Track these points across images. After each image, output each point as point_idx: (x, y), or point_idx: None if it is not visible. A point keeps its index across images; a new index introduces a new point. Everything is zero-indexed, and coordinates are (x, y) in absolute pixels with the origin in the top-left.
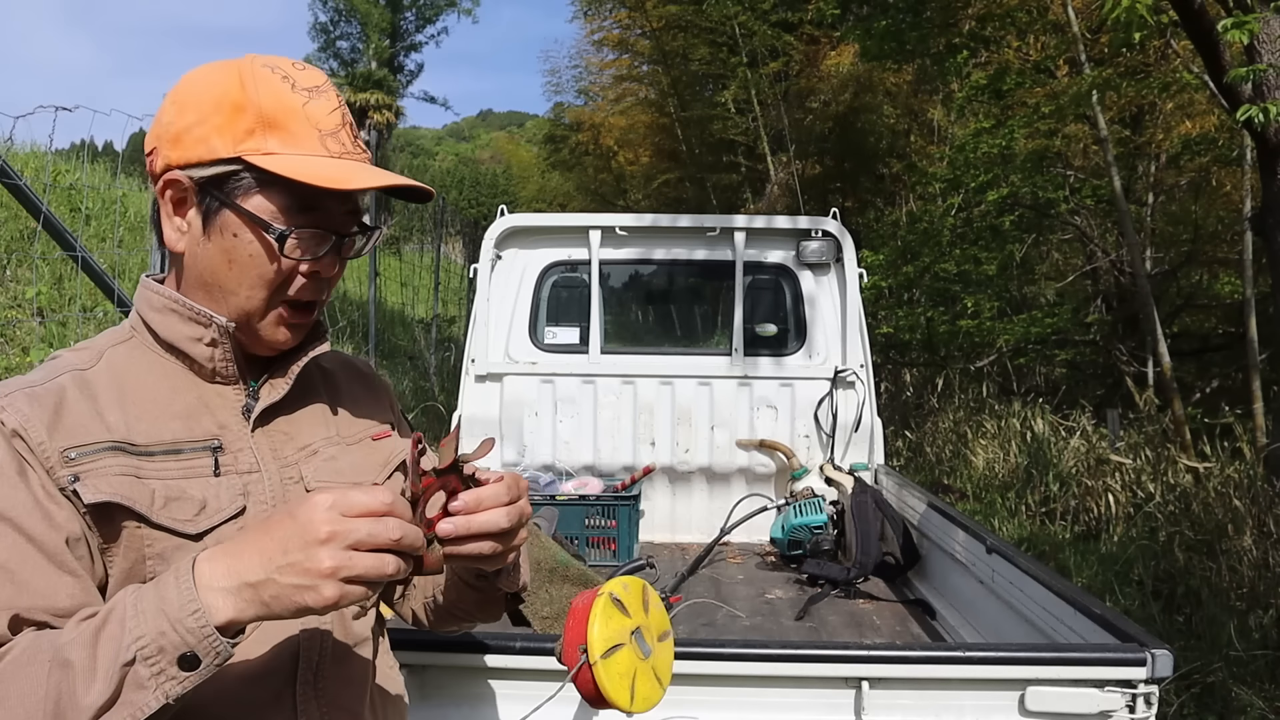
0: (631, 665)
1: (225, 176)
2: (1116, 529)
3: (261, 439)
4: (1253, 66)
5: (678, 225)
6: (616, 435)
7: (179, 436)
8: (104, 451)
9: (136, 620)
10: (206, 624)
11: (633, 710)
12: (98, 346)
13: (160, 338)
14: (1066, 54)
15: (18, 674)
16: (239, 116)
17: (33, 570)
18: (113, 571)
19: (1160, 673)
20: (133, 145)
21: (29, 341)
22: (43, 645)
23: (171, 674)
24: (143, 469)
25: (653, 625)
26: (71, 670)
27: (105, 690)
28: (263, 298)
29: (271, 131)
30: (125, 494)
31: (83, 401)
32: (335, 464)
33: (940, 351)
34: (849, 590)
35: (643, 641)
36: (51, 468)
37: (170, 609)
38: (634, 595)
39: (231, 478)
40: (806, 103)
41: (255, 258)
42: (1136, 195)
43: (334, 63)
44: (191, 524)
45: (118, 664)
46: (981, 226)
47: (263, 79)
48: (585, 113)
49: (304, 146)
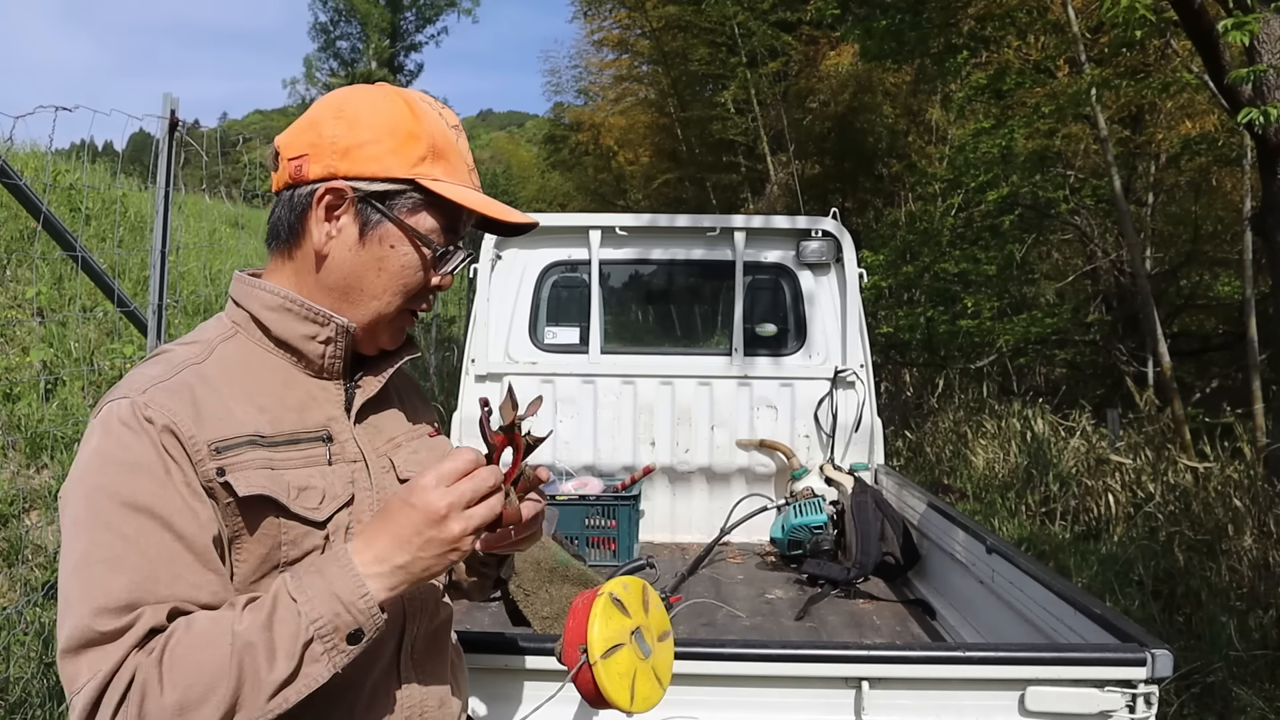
0: (631, 665)
1: (394, 193)
2: (1116, 529)
3: (360, 431)
4: (1253, 67)
5: (678, 225)
6: (616, 435)
7: (295, 428)
8: (244, 445)
9: (310, 605)
10: (373, 604)
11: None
12: (206, 341)
13: (273, 334)
14: (1066, 54)
15: (195, 654)
16: (413, 143)
17: (183, 567)
18: (245, 558)
19: (1160, 673)
20: (132, 145)
21: (29, 341)
22: (212, 629)
23: (342, 648)
24: (274, 460)
25: (653, 625)
26: (254, 650)
27: (288, 667)
28: (398, 305)
29: (438, 161)
30: (270, 487)
31: (211, 395)
32: (417, 456)
33: (940, 351)
34: (849, 590)
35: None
36: (200, 460)
37: (343, 593)
38: (634, 595)
39: (341, 466)
40: (806, 103)
41: (406, 268)
42: (1136, 195)
43: (334, 63)
44: (317, 512)
45: (299, 643)
46: (981, 226)
47: (427, 113)
48: (585, 113)
49: (459, 177)
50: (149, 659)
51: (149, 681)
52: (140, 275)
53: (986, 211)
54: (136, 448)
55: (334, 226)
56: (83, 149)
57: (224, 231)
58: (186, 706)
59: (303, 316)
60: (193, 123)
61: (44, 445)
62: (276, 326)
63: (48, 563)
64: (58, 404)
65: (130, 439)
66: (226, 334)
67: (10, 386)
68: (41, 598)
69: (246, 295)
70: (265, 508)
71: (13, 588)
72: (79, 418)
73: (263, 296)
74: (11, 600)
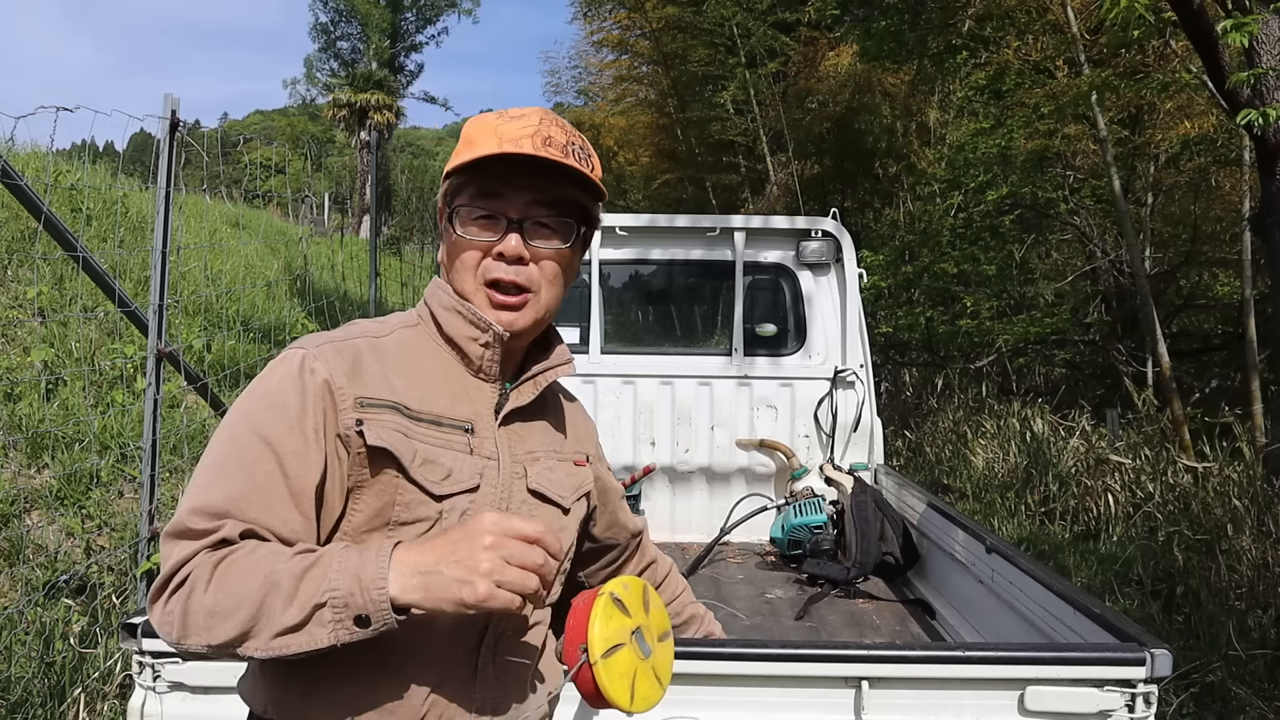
0: (632, 665)
1: (446, 191)
2: (1116, 529)
3: (503, 434)
4: (1253, 70)
5: (677, 225)
6: (617, 435)
7: (443, 412)
8: (386, 408)
9: (338, 575)
10: (385, 598)
11: (633, 710)
12: (391, 324)
13: (443, 331)
14: (1066, 54)
15: (241, 573)
16: (459, 146)
17: (277, 499)
18: (361, 507)
19: (1159, 672)
20: (133, 145)
21: (30, 341)
22: (263, 558)
23: (347, 625)
24: (411, 430)
25: (653, 625)
26: (278, 590)
27: (295, 616)
28: (470, 280)
29: (467, 147)
30: (397, 446)
31: (375, 362)
32: (551, 474)
33: (940, 351)
34: (849, 590)
35: (643, 641)
36: (345, 410)
37: (364, 577)
38: (634, 595)
39: (476, 458)
40: (805, 103)
41: (456, 245)
42: (1136, 195)
43: (334, 63)
44: (437, 486)
45: (311, 602)
46: (981, 227)
47: (481, 118)
48: (585, 113)
49: (481, 149)
50: (208, 559)
51: (199, 579)
52: (141, 275)
53: (986, 212)
54: (289, 392)
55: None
56: (84, 149)
57: (224, 232)
58: (216, 613)
59: (468, 320)
60: (193, 123)
61: (44, 445)
62: (447, 324)
63: (48, 563)
64: (58, 404)
65: (288, 383)
66: (410, 322)
67: (11, 386)
68: (42, 597)
69: (431, 295)
70: (388, 462)
71: (13, 588)
72: (79, 418)
73: (441, 297)
74: (12, 600)
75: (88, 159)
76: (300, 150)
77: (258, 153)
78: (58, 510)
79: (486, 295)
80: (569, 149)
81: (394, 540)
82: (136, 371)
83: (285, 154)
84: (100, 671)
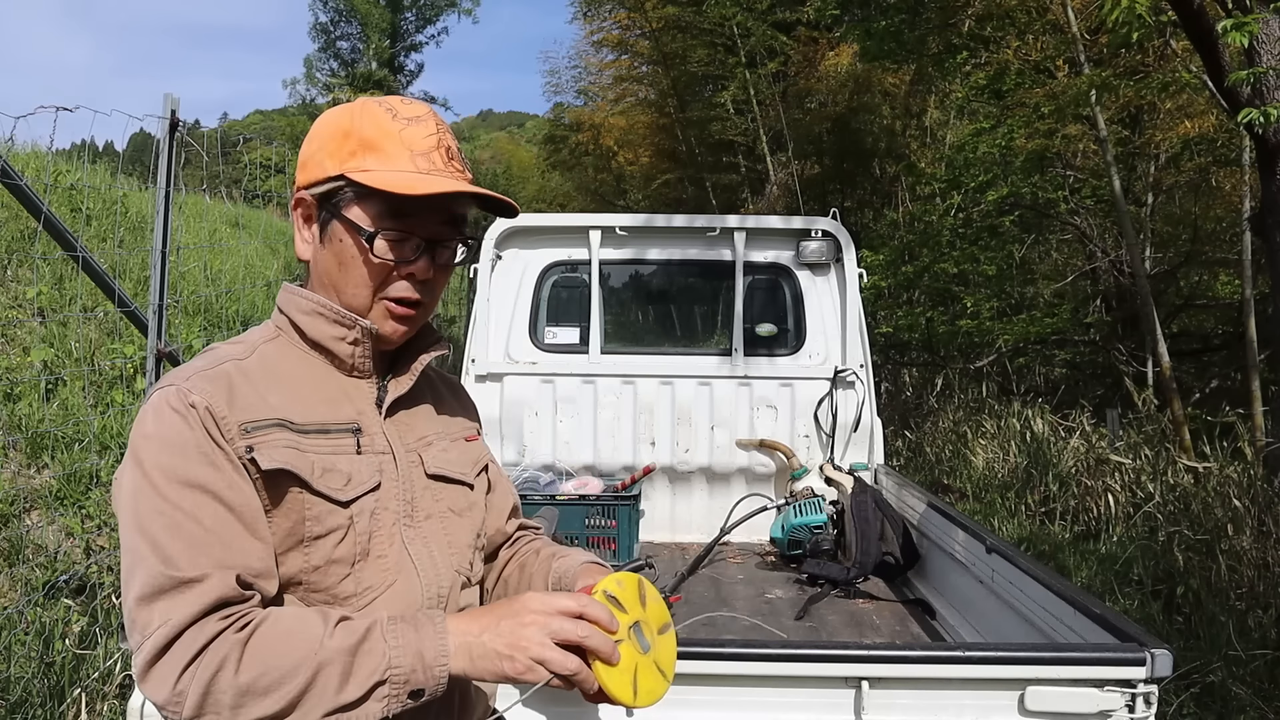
0: (632, 660)
1: (333, 191)
2: (1116, 529)
3: (390, 426)
4: (1253, 69)
5: (677, 225)
6: (616, 435)
7: (326, 419)
8: (272, 427)
9: (398, 652)
10: (445, 673)
11: (636, 705)
12: (250, 341)
13: (307, 337)
14: (1066, 54)
15: (278, 647)
16: (345, 141)
17: (235, 535)
18: (274, 530)
19: (1160, 672)
20: (133, 145)
21: (29, 341)
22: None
23: (402, 699)
24: (302, 444)
25: (651, 619)
26: (331, 668)
27: (354, 694)
28: (367, 294)
29: (369, 152)
30: (293, 463)
31: (246, 385)
32: (446, 455)
33: (940, 351)
34: (849, 590)
35: (641, 636)
36: (231, 439)
37: (428, 656)
38: (629, 591)
39: (370, 456)
40: (805, 103)
41: (356, 259)
42: (1136, 195)
43: (334, 63)
44: (341, 492)
45: (372, 680)
46: (981, 227)
47: (369, 111)
48: (585, 113)
49: (394, 164)
50: (235, 636)
51: (229, 657)
52: (141, 275)
53: (986, 212)
54: (185, 429)
55: (309, 232)
56: (83, 149)
57: (224, 232)
58: (253, 692)
59: (332, 320)
60: (193, 123)
61: (44, 445)
62: (310, 329)
63: (48, 563)
64: (58, 404)
65: (178, 421)
66: (269, 336)
67: (11, 386)
68: (42, 597)
69: (287, 302)
70: (289, 482)
71: (13, 588)
72: (79, 418)
73: (298, 302)
74: (12, 600)
75: (87, 159)
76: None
77: (258, 153)
78: (58, 510)
79: (386, 308)
80: (461, 157)
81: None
82: (136, 371)
83: (285, 154)
84: (100, 671)
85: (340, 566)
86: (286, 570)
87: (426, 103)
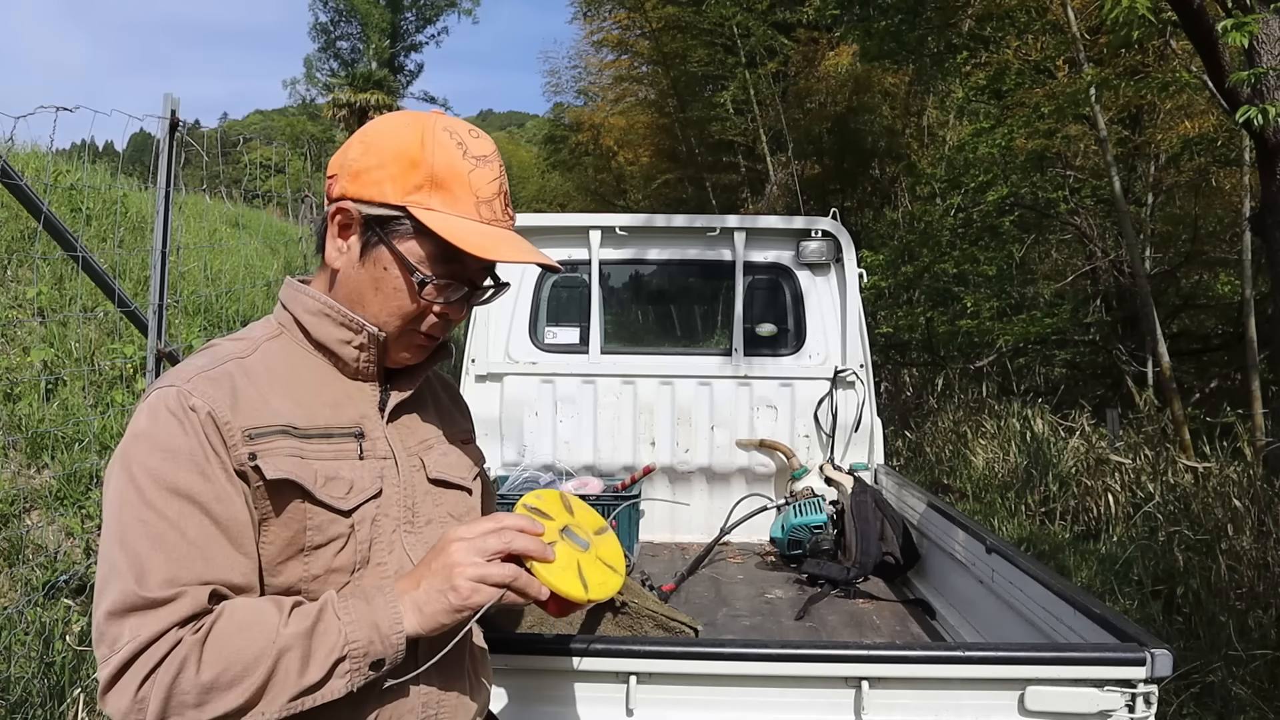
0: (571, 558)
1: (389, 219)
2: (1116, 529)
3: (392, 431)
4: (1253, 69)
5: (677, 225)
6: (616, 435)
7: (329, 422)
8: (276, 434)
9: (352, 627)
10: (403, 639)
11: (591, 598)
12: (253, 338)
13: (312, 337)
14: (1066, 54)
15: (235, 642)
16: (413, 171)
17: (218, 549)
18: (271, 540)
19: (1160, 672)
20: (133, 145)
21: (29, 341)
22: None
23: (364, 672)
24: (304, 450)
25: (583, 523)
26: (290, 653)
27: (317, 675)
28: (397, 325)
29: (436, 190)
30: (297, 473)
31: (249, 386)
32: (447, 459)
33: (940, 351)
34: (849, 590)
35: (576, 537)
36: (234, 445)
37: (382, 625)
38: (551, 502)
39: (371, 462)
40: (805, 103)
41: (398, 292)
42: (1136, 195)
43: (334, 63)
44: (344, 501)
45: (332, 658)
46: (981, 227)
47: (440, 142)
48: (585, 113)
49: (460, 209)
50: (193, 637)
51: (188, 659)
52: (141, 275)
53: (986, 212)
54: (180, 434)
55: (345, 244)
56: (83, 149)
57: (224, 232)
58: (216, 688)
59: (338, 322)
60: (193, 123)
61: (44, 445)
62: (315, 330)
63: (48, 563)
64: (58, 404)
65: (174, 426)
66: (273, 333)
67: (11, 386)
68: (42, 597)
69: (291, 299)
70: (292, 492)
71: (13, 588)
72: (79, 418)
73: (305, 301)
74: (12, 600)
75: (87, 159)
76: (300, 150)
77: (258, 153)
78: (58, 510)
79: (412, 339)
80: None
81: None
82: (136, 371)
83: (285, 154)
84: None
85: (340, 575)
86: (285, 579)
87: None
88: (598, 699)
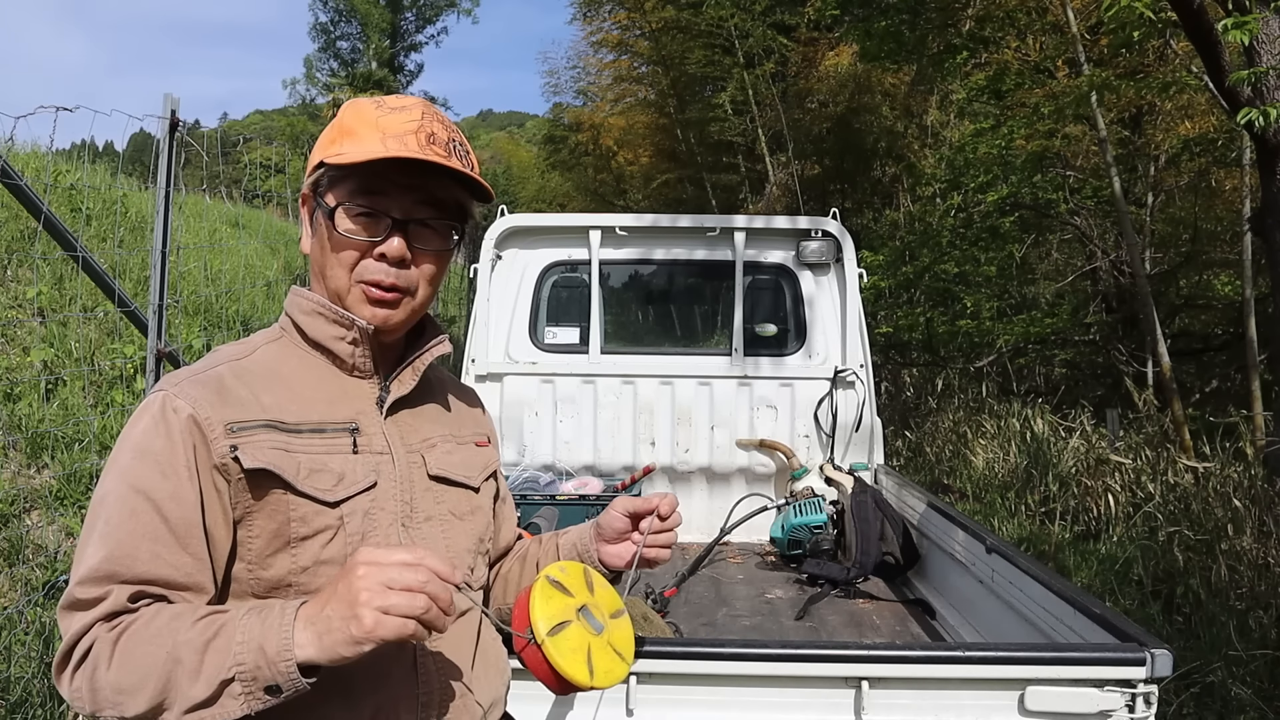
0: (583, 640)
1: (318, 181)
2: (1116, 529)
3: (391, 427)
4: (1253, 69)
5: (677, 225)
6: (616, 435)
7: (323, 418)
8: (260, 428)
9: (242, 647)
10: (293, 666)
11: (595, 684)
12: (253, 343)
13: (308, 336)
14: (1066, 54)
15: (142, 646)
16: (329, 134)
17: (164, 548)
18: (256, 533)
19: (1160, 672)
20: (133, 145)
21: (29, 341)
22: (164, 629)
23: (259, 696)
24: (291, 444)
25: (601, 604)
26: (182, 666)
27: (204, 692)
28: (344, 276)
29: (344, 139)
30: (276, 463)
31: (240, 385)
32: (451, 457)
33: (940, 351)
34: (849, 590)
35: (592, 618)
36: (215, 439)
37: (269, 649)
38: (574, 577)
39: (366, 456)
40: (805, 103)
41: (332, 240)
42: (1136, 196)
43: (334, 63)
44: (330, 493)
45: (218, 679)
46: (981, 227)
47: (357, 104)
48: (585, 113)
49: (365, 146)
50: (108, 635)
51: (101, 655)
52: (141, 275)
53: (986, 212)
54: (155, 437)
55: (308, 226)
56: (83, 149)
57: (224, 231)
58: (123, 689)
59: (331, 319)
60: (193, 123)
61: (44, 445)
62: (311, 329)
63: (48, 563)
64: (58, 404)
65: (152, 429)
66: (273, 337)
67: (11, 386)
68: (42, 597)
69: (290, 303)
70: (272, 483)
71: (13, 588)
72: (79, 418)
73: (300, 303)
74: (12, 600)
75: (87, 159)
76: (300, 150)
77: (258, 153)
78: (58, 510)
79: (362, 291)
80: (451, 146)
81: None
82: (136, 371)
83: (285, 154)
84: None
85: (330, 567)
86: (274, 573)
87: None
88: (598, 699)
